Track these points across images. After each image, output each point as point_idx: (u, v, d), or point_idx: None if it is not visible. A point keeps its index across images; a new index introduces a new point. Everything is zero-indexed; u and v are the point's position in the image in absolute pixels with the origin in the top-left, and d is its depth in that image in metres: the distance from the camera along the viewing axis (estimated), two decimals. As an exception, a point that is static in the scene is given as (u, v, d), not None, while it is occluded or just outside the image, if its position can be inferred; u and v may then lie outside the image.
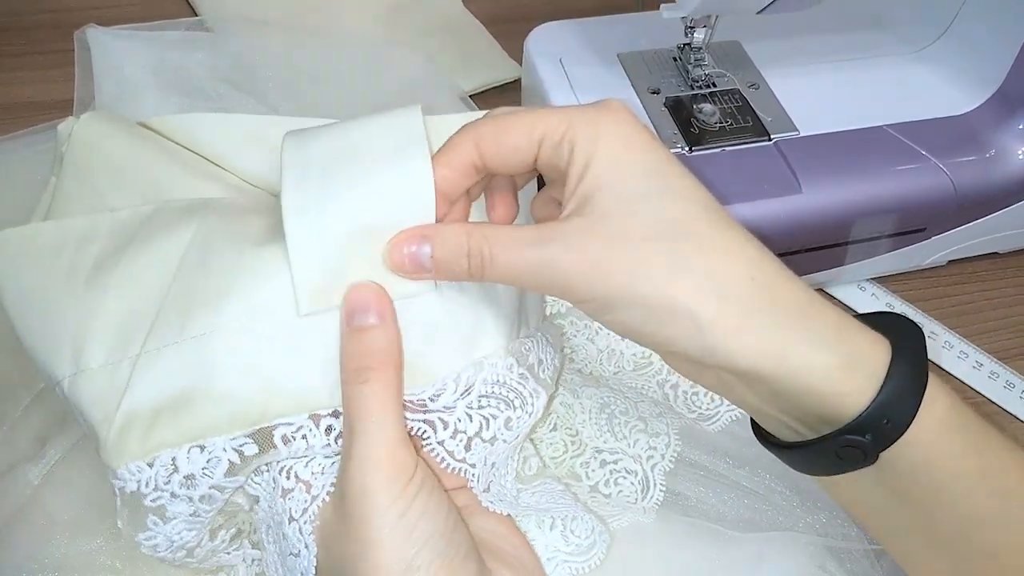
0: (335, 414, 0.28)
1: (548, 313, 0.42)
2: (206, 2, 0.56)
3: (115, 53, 0.44)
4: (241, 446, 0.28)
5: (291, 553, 0.28)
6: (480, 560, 0.28)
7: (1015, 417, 0.45)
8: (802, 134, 0.43)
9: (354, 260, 0.27)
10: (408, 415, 0.28)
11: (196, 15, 0.55)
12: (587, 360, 0.40)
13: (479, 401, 0.29)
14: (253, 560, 0.32)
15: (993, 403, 0.45)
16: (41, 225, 0.31)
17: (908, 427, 0.25)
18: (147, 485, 0.27)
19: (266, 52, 0.48)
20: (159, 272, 0.29)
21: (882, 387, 0.24)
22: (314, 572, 0.27)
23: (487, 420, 0.29)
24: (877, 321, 0.27)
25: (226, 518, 0.31)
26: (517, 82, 0.55)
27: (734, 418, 0.40)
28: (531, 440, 0.36)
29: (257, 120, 0.37)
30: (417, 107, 0.29)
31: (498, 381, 0.29)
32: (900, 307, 0.49)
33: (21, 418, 0.33)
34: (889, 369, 0.25)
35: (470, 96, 0.55)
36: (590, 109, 0.26)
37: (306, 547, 0.28)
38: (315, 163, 0.28)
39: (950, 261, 0.50)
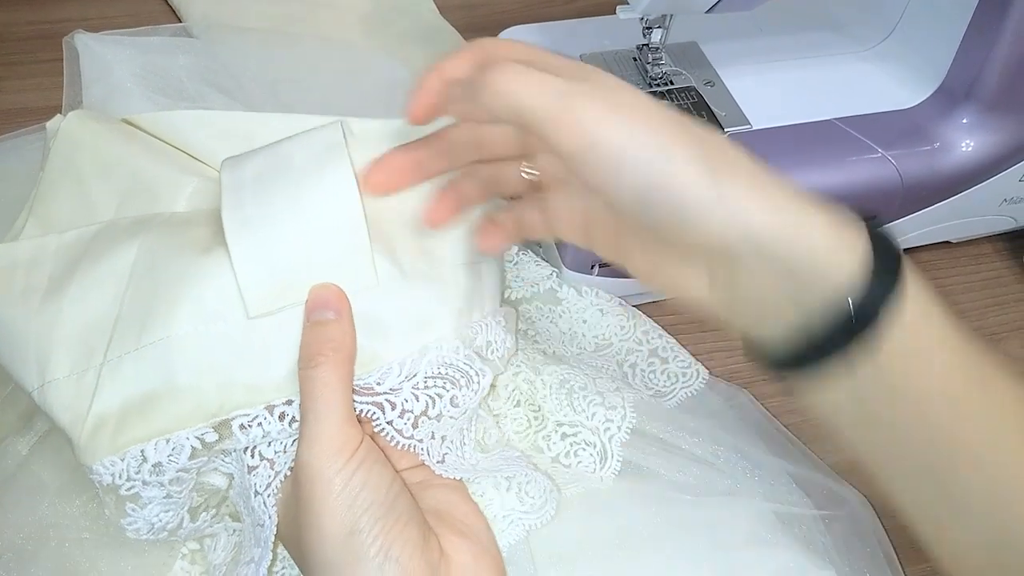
0: (288, 402, 0.31)
1: (513, 299, 0.44)
2: (190, 11, 0.59)
3: (102, 57, 0.47)
4: (202, 435, 0.30)
5: (258, 524, 0.31)
6: (424, 525, 0.30)
7: (965, 396, 0.47)
8: (754, 128, 0.45)
9: (293, 264, 0.30)
10: (357, 399, 0.31)
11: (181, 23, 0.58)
12: (550, 341, 0.42)
13: (425, 382, 0.31)
14: (234, 530, 0.34)
15: (945, 384, 0.47)
16: None
17: (890, 305, 0.25)
18: (120, 476, 0.30)
19: (248, 57, 0.51)
20: (111, 286, 0.32)
21: (865, 261, 0.25)
22: (272, 540, 0.30)
23: (433, 399, 0.31)
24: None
25: (205, 498, 0.33)
26: (490, 86, 0.57)
27: (689, 394, 0.42)
28: (494, 416, 0.38)
29: (235, 116, 0.39)
30: (337, 123, 0.33)
31: (444, 362, 0.32)
32: (857, 295, 0.51)
33: (9, 396, 0.35)
34: (871, 244, 0.26)
35: (445, 99, 0.57)
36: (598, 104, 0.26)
37: (269, 518, 0.30)
38: (249, 181, 0.31)
39: (904, 250, 0.52)
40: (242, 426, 0.30)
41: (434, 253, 0.34)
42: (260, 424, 0.31)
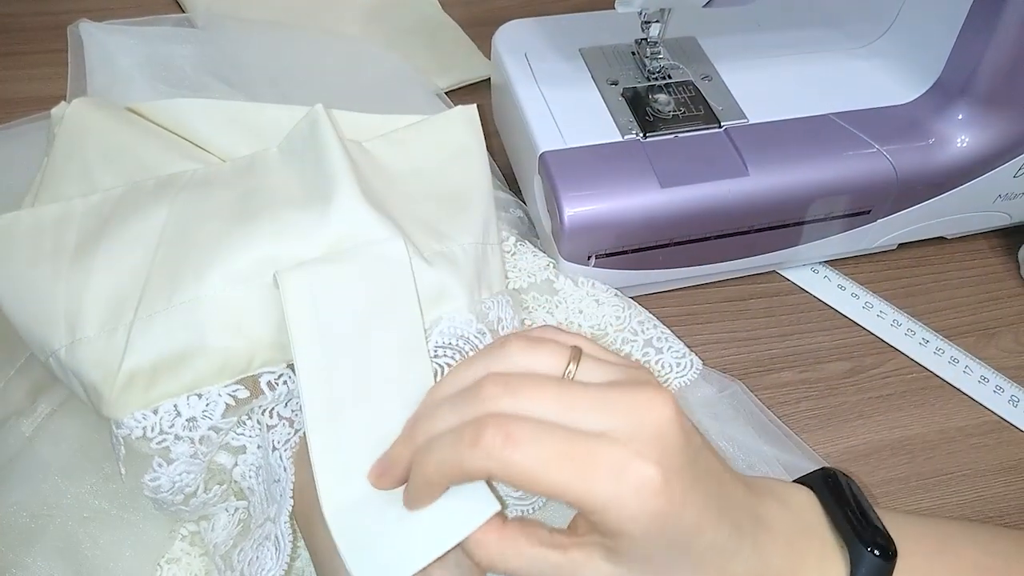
0: None
1: (511, 288, 0.44)
2: (193, 1, 0.59)
3: (106, 46, 0.47)
4: (234, 391, 0.31)
5: (274, 480, 0.32)
6: None
7: (958, 389, 0.47)
8: (751, 122, 0.46)
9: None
10: None
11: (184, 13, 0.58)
12: (547, 331, 0.42)
13: (435, 351, 0.32)
14: (236, 509, 0.35)
15: (938, 377, 0.48)
16: (17, 214, 0.34)
17: None
18: (152, 430, 0.31)
19: (250, 48, 0.51)
20: (141, 247, 0.33)
21: None
22: (291, 489, 0.31)
23: (442, 368, 0.32)
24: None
25: (212, 477, 0.34)
26: (489, 80, 0.58)
27: (682, 384, 0.42)
28: None
29: (237, 106, 0.40)
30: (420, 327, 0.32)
31: (457, 334, 0.33)
32: (852, 288, 0.52)
33: (15, 377, 0.36)
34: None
35: (445, 92, 0.58)
36: (615, 466, 0.24)
37: (285, 470, 0.31)
38: (336, 402, 0.30)
39: (900, 245, 0.53)
40: (270, 383, 0.32)
41: (446, 234, 0.35)
42: (285, 382, 0.32)
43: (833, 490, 0.29)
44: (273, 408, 0.33)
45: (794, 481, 0.30)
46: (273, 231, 0.32)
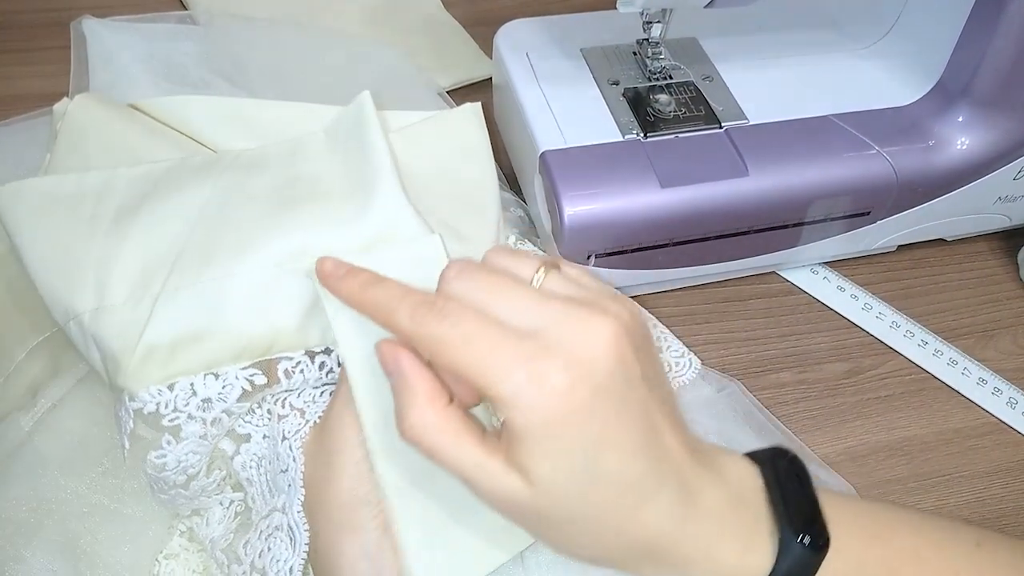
0: (327, 351, 0.32)
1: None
2: (196, 0, 0.59)
3: (109, 43, 0.47)
4: (252, 376, 0.32)
5: (281, 470, 0.32)
6: None
7: (956, 391, 0.47)
8: (751, 122, 0.46)
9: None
10: None
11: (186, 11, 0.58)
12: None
13: None
14: (231, 502, 0.35)
15: (937, 378, 0.48)
16: (62, 177, 0.34)
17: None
18: (166, 406, 0.31)
19: (251, 45, 0.51)
20: (178, 222, 0.33)
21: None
22: (301, 478, 0.31)
23: None
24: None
25: (213, 460, 0.34)
26: (491, 79, 0.58)
27: (681, 383, 0.42)
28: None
29: (239, 103, 0.40)
30: None
31: None
32: (852, 290, 0.52)
33: (14, 372, 0.36)
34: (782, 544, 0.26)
35: (448, 92, 0.58)
36: (533, 378, 0.24)
37: (294, 460, 0.31)
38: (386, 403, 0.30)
39: (900, 247, 0.53)
40: (287, 371, 0.32)
41: (466, 236, 0.35)
42: (302, 371, 0.32)
43: (778, 469, 0.28)
44: (286, 398, 0.33)
45: (744, 455, 0.29)
46: (313, 220, 0.33)
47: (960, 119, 0.47)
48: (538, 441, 0.24)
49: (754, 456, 0.29)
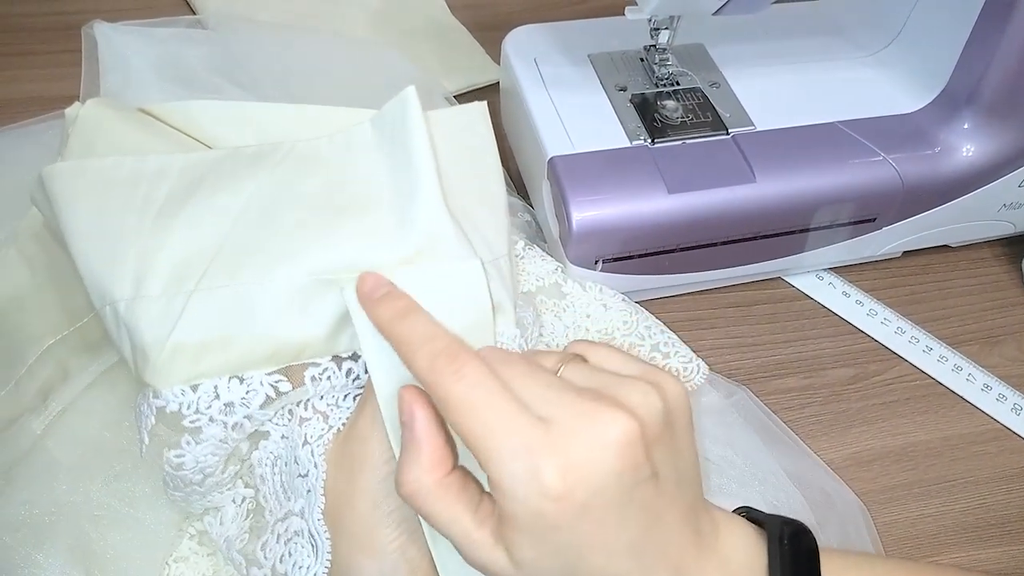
0: (354, 357, 0.32)
1: (519, 292, 0.44)
2: (204, 3, 0.60)
3: (120, 47, 0.48)
4: (276, 382, 0.31)
5: (300, 474, 0.32)
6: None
7: (961, 397, 0.48)
8: (758, 129, 0.46)
9: None
10: None
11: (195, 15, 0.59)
12: (554, 335, 0.43)
13: None
14: (244, 499, 0.35)
15: (942, 384, 0.48)
16: (120, 159, 0.33)
17: None
18: (188, 407, 0.30)
19: (260, 50, 0.51)
20: (222, 218, 0.33)
21: None
22: (322, 486, 0.31)
23: None
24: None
25: (228, 456, 0.34)
26: (497, 84, 0.58)
27: (688, 389, 0.42)
28: None
29: (248, 107, 0.40)
30: None
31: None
32: (857, 296, 0.52)
33: (26, 375, 0.36)
34: None
35: (454, 96, 0.58)
36: (528, 471, 0.23)
37: (315, 466, 0.31)
38: None
39: (905, 253, 0.53)
40: (313, 378, 0.32)
41: (492, 242, 0.35)
42: (329, 378, 0.32)
43: (784, 550, 0.27)
44: (309, 401, 0.32)
45: (759, 519, 0.28)
46: (355, 232, 0.32)
47: (966, 126, 0.47)
48: (525, 533, 0.24)
49: (767, 527, 0.28)
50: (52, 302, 0.37)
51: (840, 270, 0.53)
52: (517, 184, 0.53)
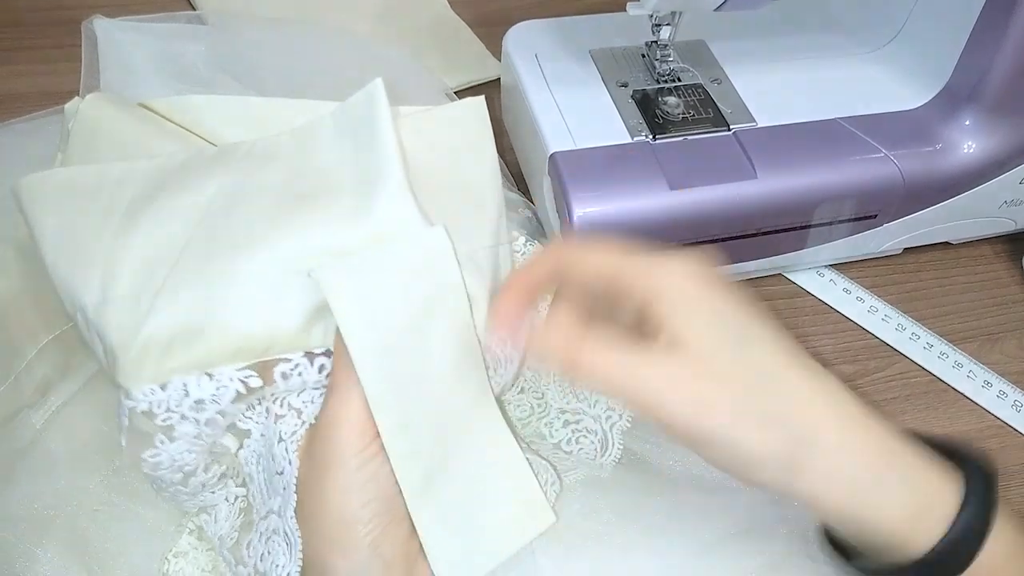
0: (327, 353, 0.32)
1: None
2: (204, 0, 0.60)
3: (119, 43, 0.48)
4: (247, 378, 0.31)
5: (277, 472, 0.31)
6: (411, 527, 0.31)
7: (962, 394, 0.48)
8: (759, 125, 0.46)
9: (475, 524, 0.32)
10: None
11: (195, 11, 0.59)
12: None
13: None
14: (236, 498, 0.35)
15: (942, 381, 0.48)
16: (84, 168, 0.34)
17: (971, 562, 0.27)
18: (159, 406, 0.30)
19: (260, 45, 0.51)
20: (187, 215, 0.32)
21: (950, 530, 0.27)
22: (295, 484, 0.31)
23: None
24: (951, 450, 0.29)
25: (214, 459, 0.34)
26: (498, 80, 0.58)
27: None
28: (501, 402, 0.39)
29: (248, 102, 0.40)
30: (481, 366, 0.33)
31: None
32: (857, 292, 0.52)
33: (25, 370, 0.36)
34: (959, 512, 0.27)
35: (455, 92, 0.58)
36: (673, 261, 0.30)
37: (289, 463, 0.31)
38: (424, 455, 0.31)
39: (905, 250, 0.53)
40: (284, 374, 0.31)
41: (467, 234, 0.34)
42: (300, 374, 0.32)
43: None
44: (285, 397, 0.32)
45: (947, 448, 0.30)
46: (318, 219, 0.32)
47: (967, 123, 0.47)
48: (690, 303, 0.28)
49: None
50: (50, 298, 0.36)
51: (841, 267, 0.53)
52: (518, 180, 0.53)
